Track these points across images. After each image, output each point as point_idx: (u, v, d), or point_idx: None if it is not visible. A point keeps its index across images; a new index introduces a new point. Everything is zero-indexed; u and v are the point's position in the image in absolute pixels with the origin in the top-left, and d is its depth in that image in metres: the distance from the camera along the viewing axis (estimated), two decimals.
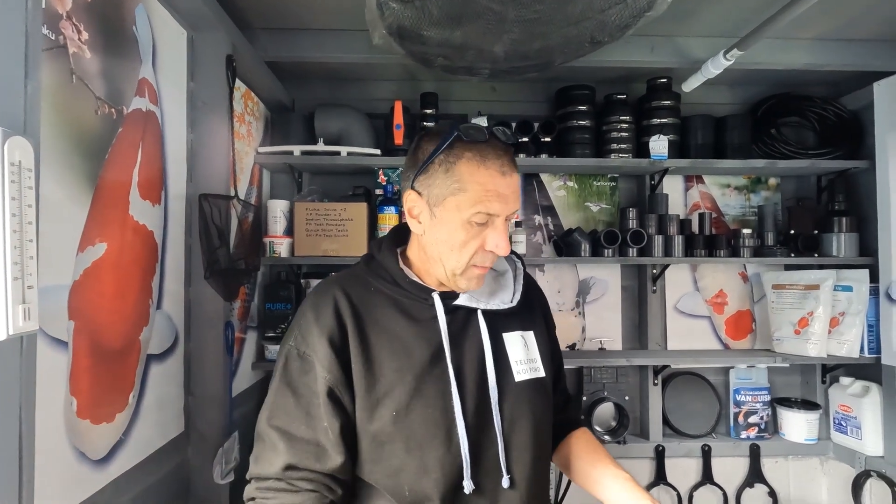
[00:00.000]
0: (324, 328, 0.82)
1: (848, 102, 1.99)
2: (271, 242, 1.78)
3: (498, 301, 0.90)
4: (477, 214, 0.81)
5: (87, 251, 0.91)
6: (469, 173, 0.81)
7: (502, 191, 0.81)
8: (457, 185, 0.81)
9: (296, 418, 0.80)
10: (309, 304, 0.86)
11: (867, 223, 1.91)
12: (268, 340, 1.78)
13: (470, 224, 0.82)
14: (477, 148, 0.82)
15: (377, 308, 0.86)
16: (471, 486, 0.81)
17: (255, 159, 1.79)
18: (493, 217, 0.82)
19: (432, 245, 0.86)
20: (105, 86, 0.97)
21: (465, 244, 0.83)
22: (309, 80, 1.99)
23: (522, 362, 0.90)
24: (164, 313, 1.19)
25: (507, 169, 0.82)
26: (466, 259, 0.83)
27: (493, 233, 0.83)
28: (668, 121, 1.88)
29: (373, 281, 0.88)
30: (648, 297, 2.02)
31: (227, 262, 1.33)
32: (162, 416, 1.17)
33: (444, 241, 0.84)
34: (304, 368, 0.81)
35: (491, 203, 0.80)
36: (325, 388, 0.80)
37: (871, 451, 1.82)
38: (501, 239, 0.82)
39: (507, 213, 0.83)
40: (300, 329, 0.84)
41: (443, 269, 0.86)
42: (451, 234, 0.83)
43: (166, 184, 1.20)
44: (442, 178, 0.82)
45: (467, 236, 0.82)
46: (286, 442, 0.79)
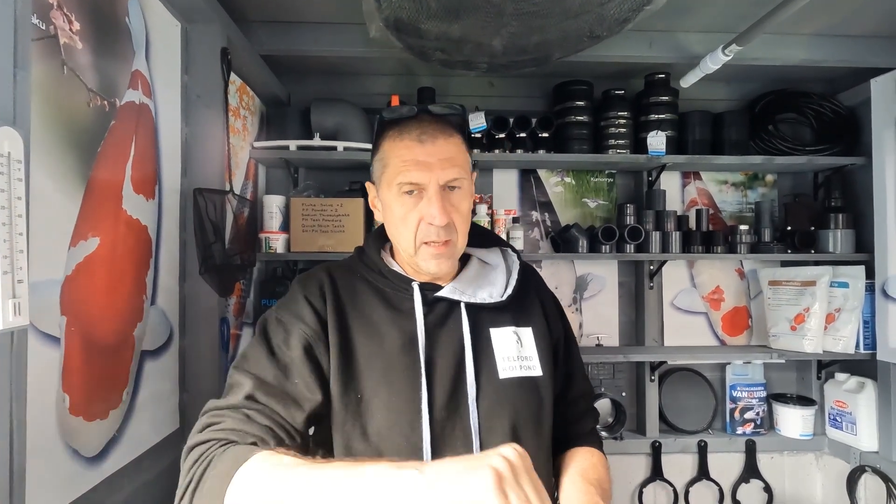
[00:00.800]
0: (309, 300, 0.83)
1: (845, 99, 1.99)
2: (267, 238, 1.77)
3: (485, 294, 0.87)
4: (400, 185, 0.81)
5: (79, 246, 0.90)
6: (389, 149, 0.82)
7: (421, 158, 0.79)
8: (381, 162, 0.83)
9: (266, 368, 0.77)
10: (296, 282, 0.88)
11: (863, 219, 1.91)
12: None
13: (401, 197, 0.81)
14: (398, 125, 0.82)
15: (359, 294, 0.86)
16: None
17: (251, 154, 1.77)
18: (420, 186, 0.80)
19: (389, 230, 0.87)
20: (97, 78, 0.95)
21: (404, 219, 0.82)
22: (305, 75, 1.98)
23: (512, 359, 0.86)
24: (159, 309, 1.17)
25: (426, 137, 0.80)
26: (411, 235, 0.82)
27: (425, 204, 0.80)
28: (666, 117, 1.88)
29: (360, 270, 0.89)
30: (645, 294, 2.02)
31: (223, 258, 1.32)
32: (156, 412, 1.16)
33: (390, 222, 0.85)
34: (280, 331, 0.81)
35: (410, 172, 0.79)
36: (301, 343, 0.79)
37: (866, 447, 1.83)
38: (432, 207, 0.79)
39: (433, 180, 0.80)
40: (284, 301, 0.85)
41: (403, 253, 0.86)
42: (392, 212, 0.84)
43: (160, 178, 1.19)
44: (376, 163, 0.85)
45: (403, 210, 0.82)
46: (253, 381, 0.75)
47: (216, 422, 0.71)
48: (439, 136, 0.81)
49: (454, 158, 0.82)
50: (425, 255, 0.83)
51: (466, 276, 0.90)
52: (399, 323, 0.83)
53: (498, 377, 0.84)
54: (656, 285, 2.04)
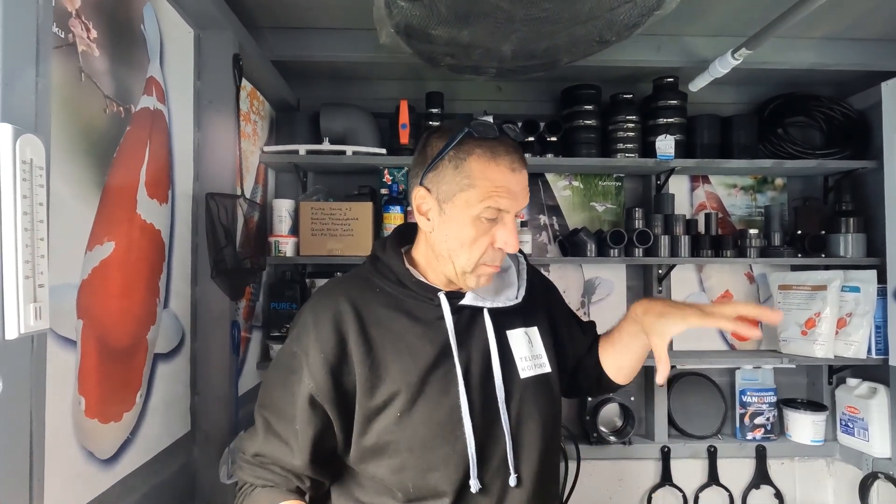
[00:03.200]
0: (320, 338, 0.82)
1: (855, 102, 1.98)
2: (276, 242, 1.78)
3: (503, 298, 0.90)
4: (487, 210, 0.81)
5: (95, 250, 0.91)
6: (479, 169, 0.80)
7: (512, 187, 0.81)
8: (467, 181, 0.81)
9: (276, 412, 0.84)
10: (309, 309, 0.87)
11: (874, 223, 1.90)
12: (272, 340, 1.78)
13: (479, 220, 0.82)
14: (487, 144, 0.81)
15: (381, 309, 0.86)
16: (477, 485, 0.81)
17: (261, 158, 1.78)
18: (503, 213, 0.82)
19: (441, 242, 0.85)
20: (113, 84, 0.97)
21: (475, 241, 0.82)
22: (314, 80, 1.99)
23: (527, 359, 0.90)
24: (171, 312, 1.19)
25: (517, 165, 0.82)
26: (477, 256, 0.83)
27: (502, 229, 0.83)
28: (675, 120, 1.87)
29: (378, 281, 0.88)
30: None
31: (234, 262, 1.33)
32: (168, 415, 1.17)
33: (453, 238, 0.83)
34: (292, 367, 0.83)
35: (501, 199, 0.80)
36: (306, 394, 0.81)
37: (879, 453, 1.81)
38: (511, 236, 0.82)
39: (516, 209, 0.83)
40: (297, 330, 0.86)
41: (452, 267, 0.85)
42: (460, 230, 0.82)
43: (173, 183, 1.20)
44: (451, 174, 0.82)
45: (477, 233, 0.82)
46: (264, 431, 0.84)
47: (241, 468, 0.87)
48: (523, 169, 0.84)
49: (526, 189, 0.85)
50: (480, 273, 0.85)
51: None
52: (428, 334, 0.85)
53: (520, 378, 0.88)
54: (665, 289, 2.03)
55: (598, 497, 1.99)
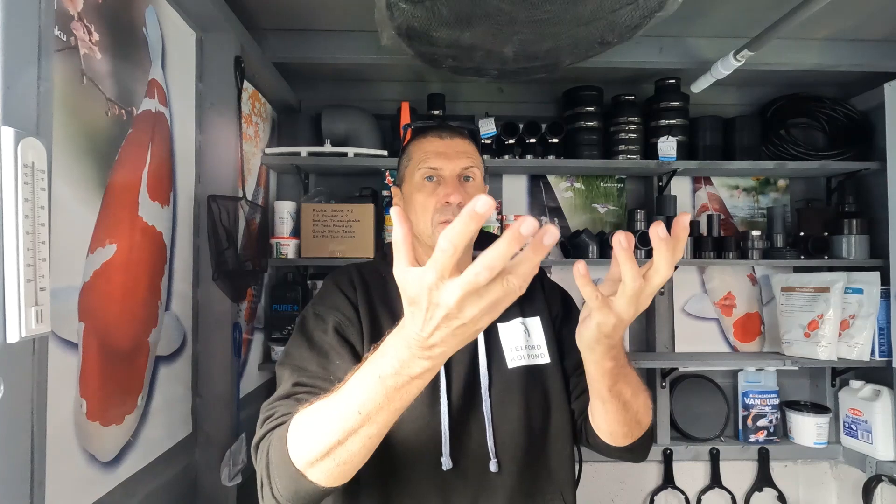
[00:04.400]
0: (341, 289, 0.93)
1: (858, 103, 1.98)
2: (278, 243, 1.78)
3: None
4: (421, 171, 0.92)
5: (97, 252, 0.91)
6: (413, 146, 0.97)
7: (441, 150, 0.93)
8: (406, 159, 0.97)
9: (308, 358, 0.84)
10: (328, 278, 0.98)
11: (878, 225, 1.89)
12: (274, 342, 1.78)
13: (422, 184, 0.92)
14: (423, 130, 0.98)
15: (384, 289, 0.94)
16: (448, 463, 0.84)
17: (262, 160, 1.79)
18: (439, 172, 0.92)
19: (412, 220, 0.94)
20: (115, 87, 0.97)
21: (424, 203, 0.92)
22: (316, 81, 1.99)
23: (520, 349, 0.93)
24: (173, 314, 1.19)
25: (444, 134, 0.95)
26: (430, 215, 0.91)
27: (443, 187, 0.91)
28: (677, 122, 1.87)
29: (383, 269, 0.98)
30: (656, 300, 2.01)
31: (235, 264, 1.33)
32: (170, 417, 1.17)
33: (412, 211, 0.94)
34: (318, 324, 0.88)
35: (430, 160, 0.92)
36: (336, 329, 0.87)
37: (883, 456, 1.80)
38: (450, 187, 0.90)
39: (451, 167, 0.92)
40: (319, 295, 0.95)
41: (425, 238, 0.94)
42: (412, 201, 0.94)
43: (175, 185, 1.20)
44: (402, 163, 0.99)
45: (423, 195, 0.92)
46: (296, 371, 0.83)
47: (270, 414, 0.77)
48: (456, 136, 0.96)
49: (468, 152, 0.95)
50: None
51: None
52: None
53: (507, 367, 0.91)
54: (667, 291, 2.02)
55: (600, 499, 1.98)
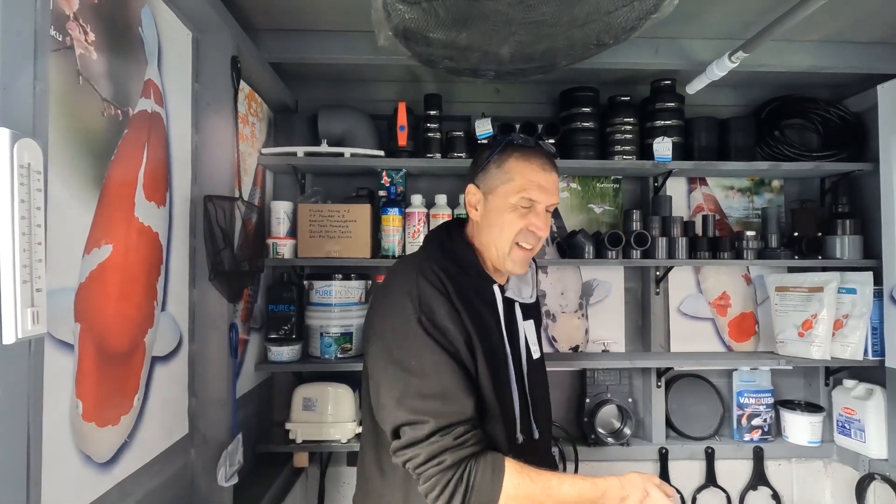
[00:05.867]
0: (442, 295, 0.98)
1: (851, 105, 1.99)
2: (274, 244, 1.78)
3: (526, 294, 1.15)
4: (521, 199, 1.02)
5: (92, 253, 0.91)
6: (516, 167, 1.03)
7: (542, 183, 1.02)
8: (507, 175, 1.03)
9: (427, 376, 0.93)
10: (416, 274, 1.00)
11: (871, 225, 1.90)
12: (271, 342, 1.78)
13: (515, 208, 1.02)
14: (523, 150, 1.05)
15: (463, 287, 1.02)
16: (521, 437, 1.04)
17: (259, 160, 1.78)
18: (535, 203, 1.03)
19: (485, 229, 1.06)
20: (111, 87, 0.97)
21: (511, 224, 1.02)
22: (312, 82, 1.99)
23: (534, 343, 1.15)
24: (169, 315, 1.18)
25: (548, 167, 1.05)
26: (511, 237, 1.03)
27: (534, 216, 1.03)
28: (672, 123, 1.88)
29: (449, 266, 1.04)
30: (652, 299, 2.02)
31: (232, 264, 1.33)
32: (166, 418, 1.17)
33: (494, 223, 1.04)
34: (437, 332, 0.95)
35: (532, 191, 1.02)
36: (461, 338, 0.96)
37: (875, 454, 1.82)
38: (541, 221, 1.03)
39: (546, 202, 1.03)
40: (420, 299, 0.97)
41: (494, 250, 1.05)
42: (499, 216, 1.04)
43: (171, 185, 1.20)
44: (495, 172, 1.05)
45: (512, 218, 1.02)
46: (454, 392, 0.93)
47: (460, 434, 0.90)
48: (554, 172, 1.06)
49: (557, 190, 1.08)
50: (515, 256, 1.05)
51: (515, 281, 1.14)
52: (492, 313, 1.05)
53: (533, 358, 1.12)
54: (662, 291, 2.03)
55: None
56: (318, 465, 1.91)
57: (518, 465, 0.91)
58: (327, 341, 1.79)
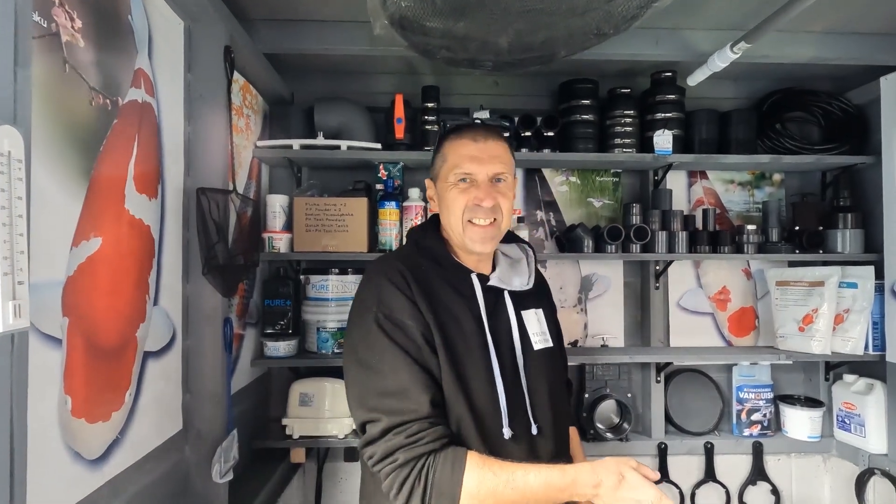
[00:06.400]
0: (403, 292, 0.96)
1: (854, 97, 1.97)
2: (270, 238, 1.76)
3: (517, 283, 1.09)
4: (454, 173, 1.01)
5: (81, 246, 0.89)
6: (449, 147, 1.05)
7: (474, 153, 1.01)
8: (442, 159, 1.05)
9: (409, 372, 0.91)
10: (378, 274, 0.99)
11: (872, 219, 1.89)
12: (267, 337, 1.76)
13: (456, 186, 1.02)
14: (457, 131, 1.05)
15: (430, 281, 1.00)
16: (509, 432, 0.96)
17: (254, 153, 1.76)
18: (472, 176, 1.01)
19: (443, 215, 1.06)
20: (99, 76, 0.94)
21: (455, 201, 1.02)
22: (308, 74, 1.97)
23: (538, 334, 1.08)
24: (161, 309, 1.16)
25: (478, 136, 1.02)
26: (460, 213, 1.01)
27: (475, 189, 1.01)
28: (673, 115, 1.86)
29: (421, 260, 1.03)
30: (651, 294, 2.01)
31: (226, 258, 1.31)
32: (159, 414, 1.15)
33: (445, 207, 1.04)
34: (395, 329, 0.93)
35: (465, 164, 1.01)
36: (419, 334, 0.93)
37: (875, 449, 1.81)
38: (482, 192, 1.00)
39: (484, 172, 1.01)
40: (379, 298, 0.95)
41: (453, 234, 1.04)
42: (446, 198, 1.03)
43: (163, 177, 1.18)
44: (437, 161, 1.08)
45: (454, 195, 1.02)
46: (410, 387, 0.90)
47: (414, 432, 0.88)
48: (490, 139, 1.03)
49: (500, 156, 1.03)
50: (473, 235, 1.01)
51: (503, 269, 1.10)
52: (468, 305, 1.00)
53: (533, 349, 1.06)
54: (662, 285, 2.02)
55: None
56: (315, 461, 1.90)
57: (481, 458, 0.87)
58: (324, 336, 1.77)
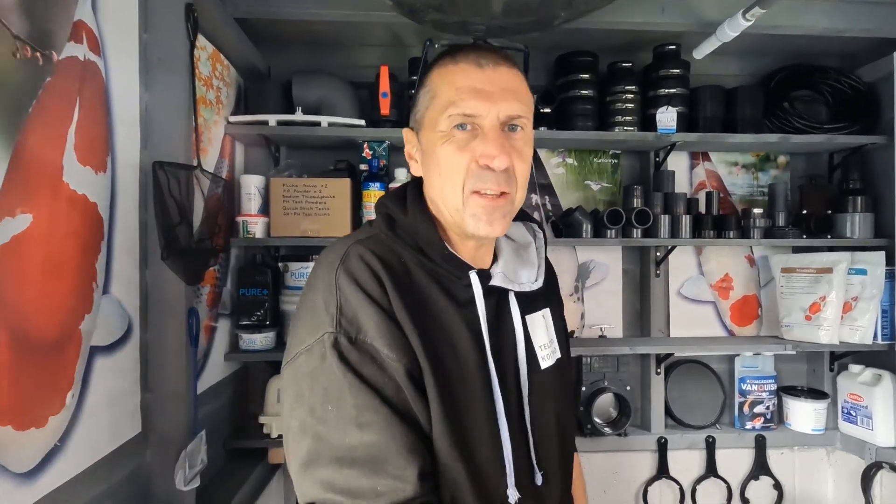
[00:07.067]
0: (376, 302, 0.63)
1: (864, 74, 1.87)
2: (245, 221, 1.62)
3: (525, 278, 0.77)
4: (449, 116, 0.66)
5: (5, 223, 0.75)
6: (438, 76, 0.69)
7: (480, 85, 0.66)
8: (428, 95, 0.70)
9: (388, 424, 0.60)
10: (340, 272, 0.65)
11: (882, 203, 1.80)
12: (243, 329, 1.63)
13: (449, 135, 0.67)
14: (452, 53, 0.70)
15: (414, 282, 0.69)
16: (515, 495, 0.68)
17: (227, 130, 1.61)
18: (475, 120, 0.66)
19: (430, 181, 0.71)
20: (27, 24, 0.80)
21: (449, 160, 0.67)
22: (287, 45, 1.82)
23: (546, 346, 0.79)
24: (113, 299, 1.03)
25: (485, 60, 0.67)
26: (459, 182, 0.67)
27: (481, 141, 0.66)
28: (677, 91, 1.74)
29: (401, 250, 0.70)
30: (651, 282, 1.90)
31: (189, 241, 1.17)
32: (112, 416, 1.02)
33: (435, 168, 0.69)
34: (365, 360, 0.62)
35: (465, 101, 0.65)
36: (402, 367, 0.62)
37: (883, 442, 1.73)
38: (488, 145, 0.65)
39: (493, 113, 0.66)
40: (340, 310, 0.63)
41: (445, 209, 0.70)
42: (435, 155, 0.69)
43: (113, 149, 1.03)
44: (421, 99, 0.72)
45: (451, 149, 0.67)
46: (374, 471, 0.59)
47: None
48: (502, 64, 0.68)
49: (518, 91, 0.69)
50: (475, 208, 0.67)
51: (506, 259, 0.78)
52: (465, 318, 0.69)
53: (540, 368, 0.76)
54: (663, 273, 1.92)
55: (592, 491, 1.88)
56: None
57: None
58: None
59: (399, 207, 0.73)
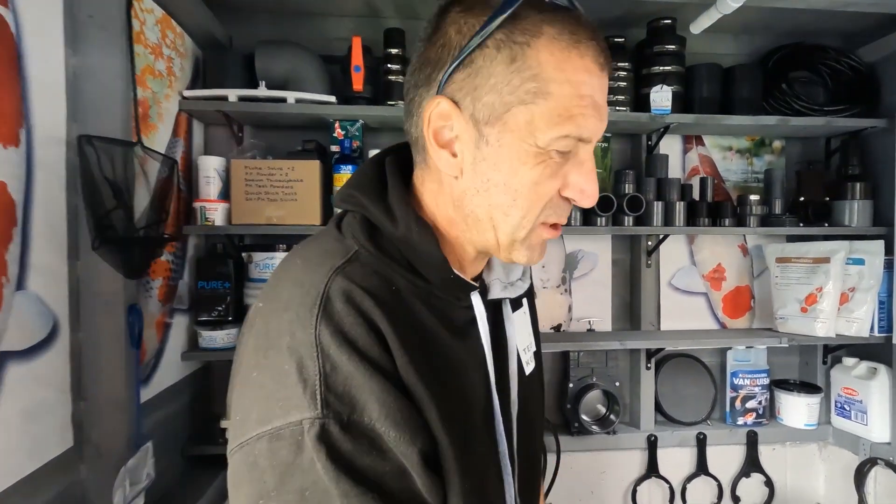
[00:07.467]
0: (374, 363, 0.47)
1: (864, 54, 1.78)
2: (203, 207, 1.47)
3: (514, 277, 0.65)
4: (564, 138, 0.49)
5: None
6: (555, 61, 0.48)
7: (599, 99, 0.51)
8: (533, 83, 0.48)
9: None
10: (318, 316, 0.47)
11: (881, 190, 1.72)
12: (202, 326, 1.49)
13: (547, 155, 0.50)
14: (562, 20, 0.48)
15: (416, 321, 0.53)
16: None
17: (181, 105, 1.45)
18: (583, 144, 0.52)
19: (479, 195, 0.52)
20: None
21: (539, 189, 0.51)
22: (249, 14, 1.65)
23: (528, 348, 0.68)
24: (32, 295, 0.88)
25: (604, 59, 0.51)
26: (537, 212, 0.52)
27: (577, 171, 0.52)
28: (672, 68, 1.63)
29: (392, 275, 0.53)
30: (642, 273, 1.81)
31: (128, 229, 1.02)
32: (33, 430, 0.88)
33: (500, 187, 0.51)
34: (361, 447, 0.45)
35: (588, 119, 0.49)
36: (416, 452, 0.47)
37: (878, 438, 1.68)
38: (590, 182, 0.52)
39: (599, 133, 0.52)
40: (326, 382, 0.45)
41: (493, 234, 0.54)
42: (514, 171, 0.50)
43: (28, 120, 0.88)
44: (503, 71, 0.48)
45: (543, 175, 0.50)
46: None
47: None
48: (608, 65, 0.52)
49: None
50: (537, 239, 0.54)
51: (498, 264, 0.64)
52: (467, 346, 0.57)
53: (525, 377, 0.65)
54: (654, 264, 1.82)
55: (579, 491, 1.80)
56: None
57: None
58: None
59: (381, 210, 0.54)
